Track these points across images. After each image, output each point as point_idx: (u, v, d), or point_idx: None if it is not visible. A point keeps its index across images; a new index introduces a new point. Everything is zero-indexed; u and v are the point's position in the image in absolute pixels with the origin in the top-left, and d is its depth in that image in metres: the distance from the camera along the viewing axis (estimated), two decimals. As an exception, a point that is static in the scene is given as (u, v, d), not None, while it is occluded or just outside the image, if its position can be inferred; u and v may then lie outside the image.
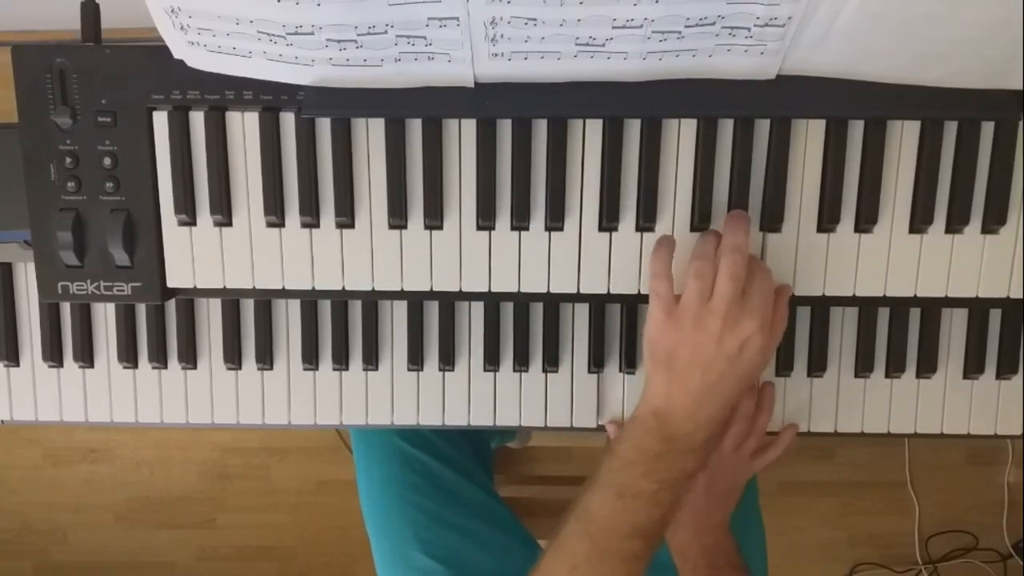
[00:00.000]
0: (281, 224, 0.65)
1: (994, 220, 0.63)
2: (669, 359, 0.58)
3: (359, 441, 0.91)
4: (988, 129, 0.62)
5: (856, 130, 0.62)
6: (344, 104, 0.61)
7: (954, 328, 0.69)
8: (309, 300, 0.69)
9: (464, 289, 0.65)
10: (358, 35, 0.54)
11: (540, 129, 0.63)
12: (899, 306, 0.68)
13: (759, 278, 0.58)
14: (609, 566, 0.58)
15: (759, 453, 0.72)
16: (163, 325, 0.71)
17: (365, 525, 0.90)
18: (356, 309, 0.70)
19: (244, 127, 0.63)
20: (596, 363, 0.69)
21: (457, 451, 0.92)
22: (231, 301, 0.70)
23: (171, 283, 0.65)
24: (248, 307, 0.70)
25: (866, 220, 0.63)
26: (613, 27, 0.53)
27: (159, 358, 0.71)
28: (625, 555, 0.58)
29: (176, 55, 0.60)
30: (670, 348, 0.58)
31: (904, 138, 0.62)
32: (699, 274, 0.58)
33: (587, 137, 0.63)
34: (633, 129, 0.62)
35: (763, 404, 0.69)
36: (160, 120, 0.63)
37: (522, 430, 1.25)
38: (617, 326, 0.69)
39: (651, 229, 0.64)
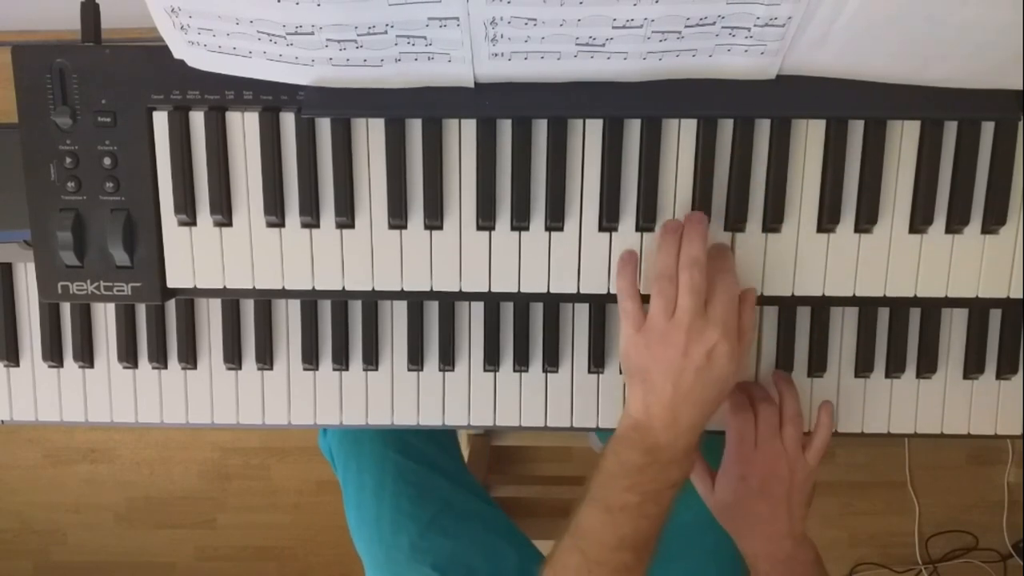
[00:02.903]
0: (281, 224, 0.65)
1: (994, 220, 0.63)
2: (643, 373, 0.60)
3: (349, 454, 0.90)
4: (988, 129, 0.62)
5: (856, 130, 0.62)
6: (344, 104, 0.61)
7: (954, 328, 0.69)
8: (309, 300, 0.69)
9: (464, 289, 0.65)
10: (358, 35, 0.54)
11: (540, 129, 0.63)
12: (899, 306, 0.68)
13: (720, 287, 0.59)
14: None
15: (808, 445, 0.67)
16: (163, 325, 0.71)
17: (352, 537, 0.89)
18: (356, 309, 0.70)
19: (244, 127, 0.63)
20: (596, 363, 0.69)
21: (449, 457, 0.92)
22: (231, 301, 0.70)
23: (171, 283, 0.65)
24: (248, 307, 0.70)
25: (866, 220, 0.63)
26: (613, 27, 0.53)
27: (159, 358, 0.71)
28: (615, 567, 0.59)
29: (176, 55, 0.60)
30: (642, 363, 0.60)
31: (904, 138, 0.62)
32: (661, 292, 0.59)
33: (587, 137, 0.63)
34: (633, 129, 0.62)
35: (782, 387, 0.68)
36: (160, 120, 0.63)
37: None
38: (617, 326, 0.69)
39: (651, 229, 0.64)
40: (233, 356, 0.70)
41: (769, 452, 0.66)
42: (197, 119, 0.63)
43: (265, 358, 0.70)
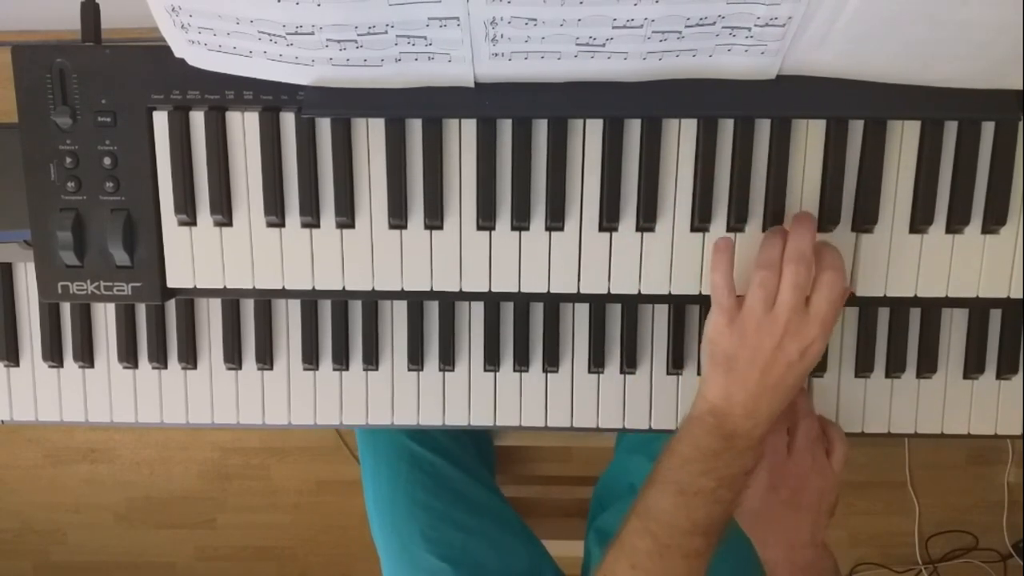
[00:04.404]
0: (281, 224, 0.65)
1: (994, 220, 0.63)
2: (729, 360, 0.59)
3: (366, 442, 0.91)
4: (988, 129, 0.62)
5: (856, 130, 0.62)
6: (344, 104, 0.61)
7: (954, 328, 0.69)
8: (309, 300, 0.69)
9: (464, 289, 0.65)
10: (358, 35, 0.54)
11: (540, 129, 0.63)
12: (899, 306, 0.68)
13: (825, 284, 0.58)
14: (671, 562, 0.58)
15: (831, 454, 0.68)
16: (163, 325, 0.71)
17: (370, 525, 0.90)
18: (356, 309, 0.70)
19: (244, 127, 0.63)
20: (596, 363, 0.69)
21: (463, 450, 0.92)
22: (231, 301, 0.70)
23: (171, 283, 0.65)
24: (248, 307, 0.70)
25: (866, 220, 0.63)
26: (613, 27, 0.53)
27: (159, 358, 0.71)
28: (686, 552, 0.58)
29: (177, 54, 0.60)
30: (730, 351, 0.59)
31: (904, 138, 0.62)
32: (763, 283, 0.58)
33: (587, 137, 0.63)
34: (633, 129, 0.62)
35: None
36: (160, 120, 0.63)
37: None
38: (617, 326, 0.69)
39: (651, 229, 0.64)
40: (233, 356, 0.70)
41: (801, 463, 0.66)
42: (197, 119, 0.63)
43: (265, 358, 0.70)
